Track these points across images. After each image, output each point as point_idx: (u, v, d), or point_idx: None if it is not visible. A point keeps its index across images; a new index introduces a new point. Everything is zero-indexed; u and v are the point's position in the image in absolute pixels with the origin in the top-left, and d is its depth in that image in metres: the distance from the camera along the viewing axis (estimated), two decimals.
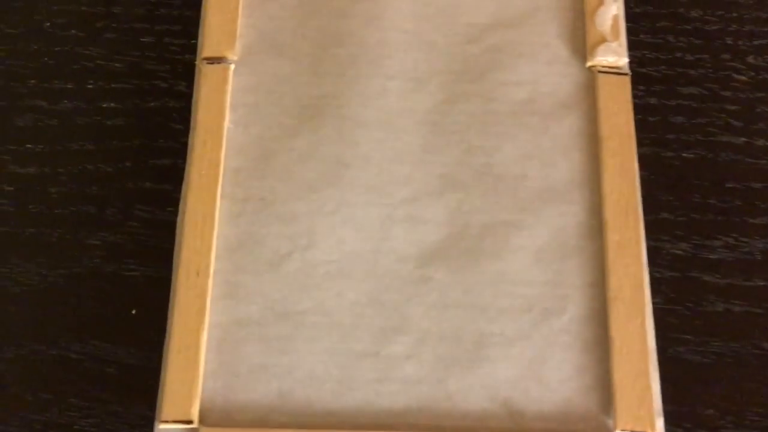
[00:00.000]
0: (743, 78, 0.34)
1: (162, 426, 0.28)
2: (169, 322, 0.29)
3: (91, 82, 0.34)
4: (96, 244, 0.31)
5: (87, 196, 0.32)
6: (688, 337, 0.30)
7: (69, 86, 0.34)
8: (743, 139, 0.33)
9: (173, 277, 0.30)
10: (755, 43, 0.35)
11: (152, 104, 0.34)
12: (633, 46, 0.34)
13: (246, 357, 0.29)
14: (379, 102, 0.34)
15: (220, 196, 0.32)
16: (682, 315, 0.30)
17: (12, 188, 0.32)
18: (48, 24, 0.35)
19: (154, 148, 0.33)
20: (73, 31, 0.35)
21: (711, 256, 0.31)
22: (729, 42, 0.35)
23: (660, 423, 0.28)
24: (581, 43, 0.34)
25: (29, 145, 0.33)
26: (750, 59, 0.34)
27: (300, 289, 0.30)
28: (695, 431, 0.29)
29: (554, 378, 0.29)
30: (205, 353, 0.29)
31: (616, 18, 0.34)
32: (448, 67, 0.34)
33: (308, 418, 0.29)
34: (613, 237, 0.31)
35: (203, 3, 0.35)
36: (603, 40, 0.34)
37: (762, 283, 0.31)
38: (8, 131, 0.33)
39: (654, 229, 0.32)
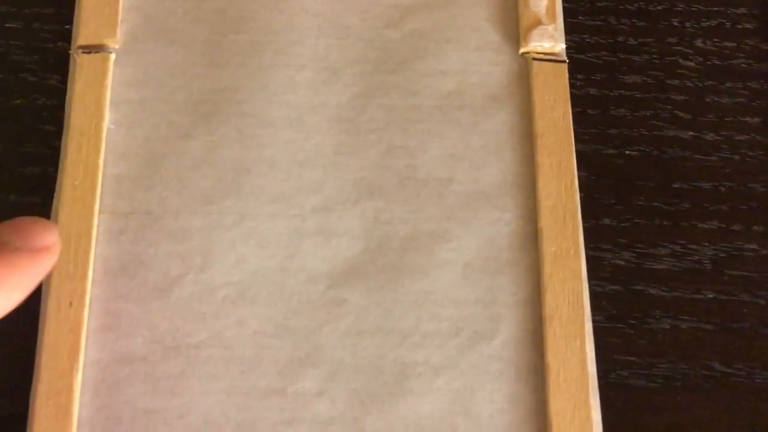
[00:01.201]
0: (691, 64, 0.31)
1: None
2: (36, 362, 0.26)
3: None
4: None
5: None
6: (633, 358, 0.27)
7: None
8: (691, 133, 0.30)
9: (42, 309, 0.26)
10: (704, 24, 0.32)
11: (18, 102, 0.29)
12: (570, 30, 0.31)
13: (130, 400, 0.26)
14: (287, 97, 0.30)
15: (99, 210, 0.28)
16: (625, 334, 0.28)
17: None
18: None
19: (21, 155, 0.29)
20: None
21: (656, 267, 0.28)
22: (675, 24, 0.32)
23: None
24: (514, 26, 0.31)
25: None
26: (698, 43, 0.32)
27: (194, 318, 0.27)
28: None
29: (485, 411, 0.26)
30: (79, 398, 0.25)
31: (551, 0, 0.31)
32: (365, 55, 0.31)
33: None
34: (549, 248, 0.28)
35: None
36: (538, 22, 0.31)
37: (712, 296, 0.28)
38: None
39: (594, 236, 0.29)
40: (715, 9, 0.32)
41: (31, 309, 0.26)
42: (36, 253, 0.21)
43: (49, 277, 0.26)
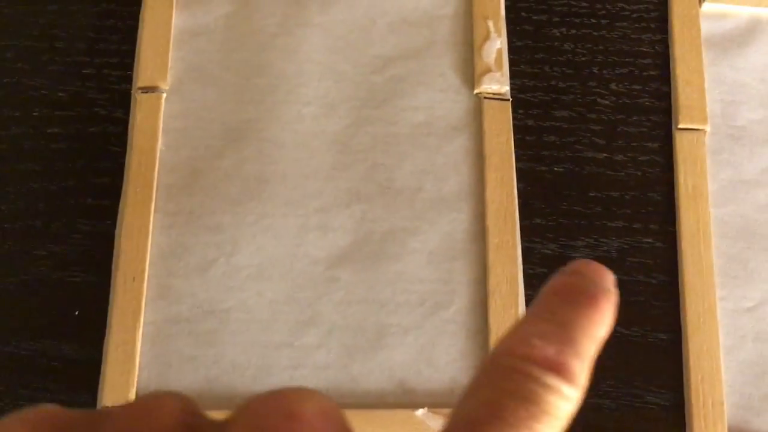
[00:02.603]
0: (606, 102, 0.40)
1: None
2: (108, 321, 0.34)
3: (37, 110, 0.38)
4: (43, 254, 0.35)
5: (34, 212, 0.36)
6: None
7: (17, 114, 0.38)
8: (605, 154, 0.39)
9: (112, 282, 0.34)
10: (617, 71, 0.41)
11: (93, 129, 0.38)
12: (514, 75, 0.40)
13: (177, 350, 0.34)
14: (295, 126, 0.38)
15: (154, 210, 0.36)
16: None
17: None
18: None
19: (95, 169, 0.37)
20: (19, 64, 0.39)
21: (575, 255, 0.37)
22: (595, 71, 0.40)
23: None
24: (470, 72, 0.40)
25: None
26: (613, 86, 0.40)
27: (225, 290, 0.35)
28: None
29: (442, 361, 0.34)
30: (140, 348, 0.34)
31: (499, 51, 0.40)
32: (356, 94, 0.39)
33: (233, 401, 0.33)
34: (493, 240, 0.36)
35: (138, 38, 0.39)
36: (488, 70, 0.39)
37: (617, 277, 0.36)
38: None
39: (528, 232, 0.37)
40: (627, 59, 0.41)
41: (104, 282, 0.35)
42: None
43: (117, 258, 0.35)
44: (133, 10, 0.40)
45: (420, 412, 0.33)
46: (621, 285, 0.37)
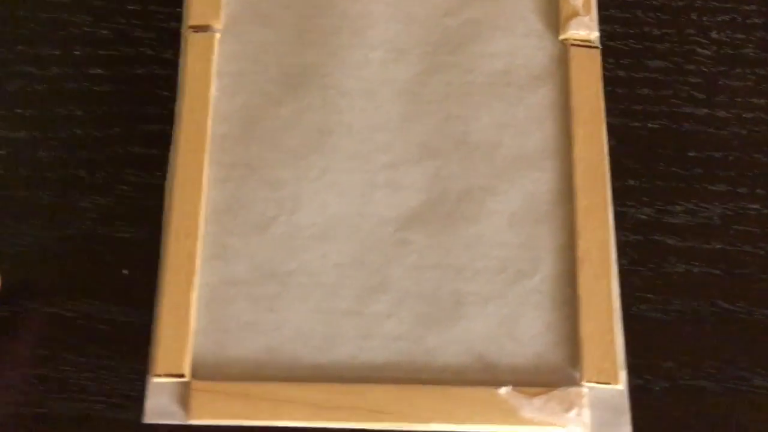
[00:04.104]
0: (706, 52, 0.36)
1: (155, 380, 0.29)
2: (159, 281, 0.31)
3: (78, 48, 0.35)
4: (87, 206, 0.32)
5: (77, 161, 0.33)
6: (651, 296, 0.32)
7: (56, 52, 0.35)
8: (705, 110, 0.35)
9: (163, 239, 0.31)
10: (718, 18, 0.37)
11: (139, 71, 0.35)
12: (603, 21, 0.36)
13: (235, 315, 0.31)
14: (362, 72, 0.35)
15: (208, 161, 0.33)
16: (645, 276, 0.32)
17: (3, 152, 0.33)
18: None
19: (142, 114, 0.34)
20: None
21: (673, 221, 0.33)
22: (694, 18, 0.37)
23: (623, 375, 0.30)
24: (554, 16, 0.36)
25: (18, 110, 0.34)
26: (713, 34, 0.36)
27: (286, 251, 0.32)
28: (655, 382, 0.31)
29: (526, 334, 0.31)
30: (195, 311, 0.31)
31: None
32: (428, 38, 0.36)
33: (295, 372, 0.30)
34: (582, 202, 0.33)
35: None
36: (575, 14, 0.36)
37: (720, 246, 0.33)
38: None
39: (620, 195, 0.33)
40: (729, 5, 0.37)
41: (154, 239, 0.31)
42: None
43: (169, 212, 0.32)
44: None
45: (503, 390, 0.30)
46: (725, 255, 0.33)
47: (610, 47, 0.36)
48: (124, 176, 0.33)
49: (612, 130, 0.34)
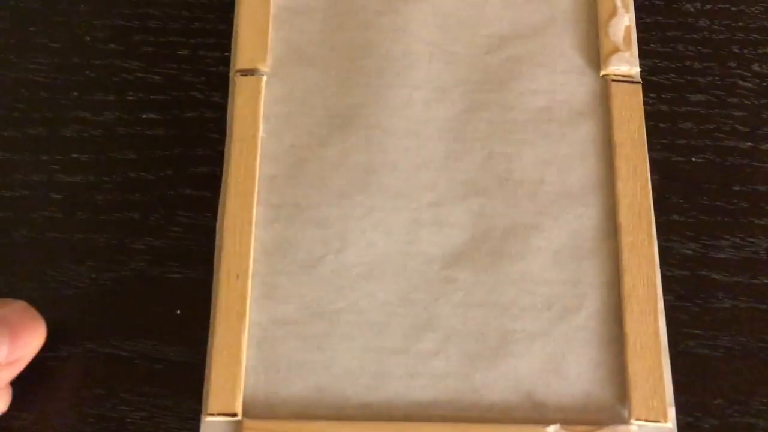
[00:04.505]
0: (749, 85, 0.36)
1: (208, 419, 0.30)
2: (212, 321, 0.31)
3: (131, 93, 0.36)
4: (141, 248, 0.33)
5: (131, 203, 0.34)
6: (698, 332, 0.32)
7: (110, 98, 0.36)
8: (749, 143, 0.35)
9: (214, 279, 0.32)
10: (760, 51, 0.37)
11: (190, 114, 0.36)
12: (644, 55, 0.36)
13: (285, 354, 0.31)
14: (405, 111, 0.35)
15: (257, 202, 0.34)
16: (691, 311, 0.32)
17: (60, 196, 0.34)
18: (88, 38, 0.37)
19: (193, 157, 0.35)
20: (111, 45, 0.37)
21: (719, 256, 0.33)
22: (735, 50, 0.37)
23: (672, 413, 0.30)
24: (595, 52, 0.36)
25: (75, 155, 0.35)
26: (755, 67, 0.36)
27: (334, 290, 0.32)
28: (705, 420, 0.31)
29: (573, 372, 0.31)
30: (246, 350, 0.31)
31: (628, 29, 0.36)
32: (470, 76, 0.36)
33: (344, 411, 0.31)
34: (626, 238, 0.33)
35: (235, 17, 0.36)
36: (616, 49, 0.36)
37: (767, 281, 0.33)
38: (55, 142, 0.35)
39: (665, 230, 0.33)
40: None
41: (206, 279, 0.32)
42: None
43: (220, 253, 0.32)
44: None
45: (551, 429, 0.30)
46: None
47: (652, 82, 0.36)
48: (177, 218, 0.34)
49: (655, 165, 0.34)
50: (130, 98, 0.36)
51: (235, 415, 0.30)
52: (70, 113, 0.35)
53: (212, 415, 0.30)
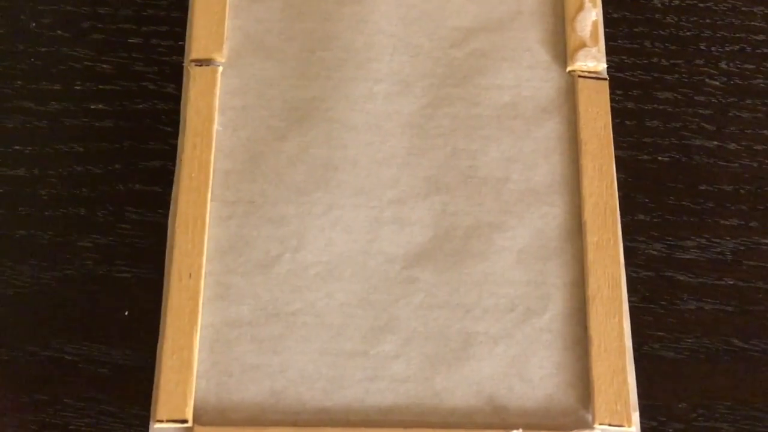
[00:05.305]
0: (716, 83, 0.35)
1: (157, 425, 0.29)
2: (162, 323, 0.30)
3: (79, 83, 0.34)
4: (87, 246, 0.32)
5: (77, 198, 0.32)
6: (662, 334, 0.32)
7: (56, 87, 0.34)
8: (716, 142, 0.34)
9: (165, 279, 0.31)
10: (727, 48, 0.36)
11: (141, 106, 0.34)
12: (611, 52, 0.35)
13: (239, 357, 0.30)
14: (366, 105, 0.34)
15: (210, 198, 0.32)
16: (656, 313, 0.32)
17: (1, 190, 0.32)
18: (34, 24, 0.35)
19: (144, 150, 0.33)
20: (59, 31, 0.35)
21: (684, 256, 0.33)
22: (702, 47, 0.36)
23: (636, 417, 0.29)
24: (562, 47, 0.35)
25: (18, 147, 0.33)
26: (723, 65, 0.36)
27: (291, 290, 0.31)
28: (669, 424, 0.30)
29: (536, 375, 0.30)
30: (198, 354, 0.30)
31: (595, 24, 0.35)
32: (433, 70, 0.35)
33: (301, 416, 0.29)
34: (592, 238, 0.32)
35: (190, 5, 0.35)
36: (583, 45, 0.35)
37: (732, 282, 0.32)
38: None
39: (630, 229, 0.33)
40: (738, 35, 0.36)
41: (156, 279, 0.31)
42: None
43: (171, 252, 0.31)
44: None
45: None
46: (737, 291, 0.33)
47: (619, 78, 0.36)
48: (125, 214, 0.32)
49: (620, 164, 0.34)
50: (78, 88, 0.34)
51: (185, 421, 0.29)
52: (13, 103, 0.34)
53: (161, 421, 0.29)
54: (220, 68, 0.34)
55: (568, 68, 0.35)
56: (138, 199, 0.32)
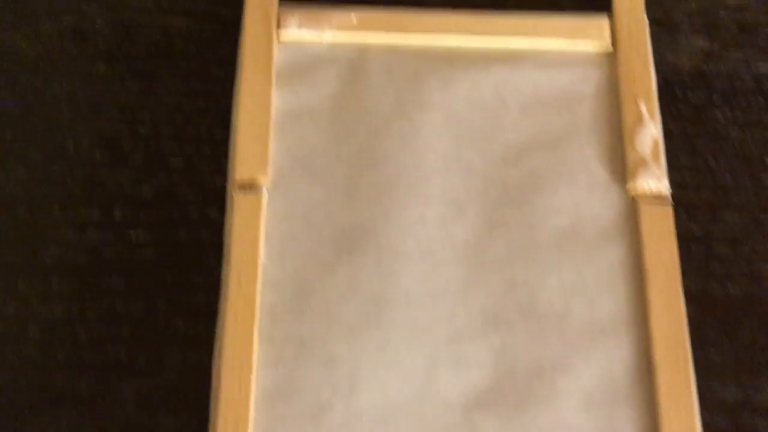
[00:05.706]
0: None
1: None
2: None
3: (119, 210, 0.33)
4: (127, 392, 0.30)
5: (117, 340, 0.31)
6: None
7: (95, 214, 0.32)
8: None
9: (210, 429, 0.29)
10: None
11: (183, 234, 0.32)
12: (669, 167, 0.33)
13: None
14: (418, 230, 0.33)
15: (257, 338, 0.30)
16: None
17: (37, 330, 0.31)
18: (71, 145, 0.33)
19: (187, 284, 0.32)
20: (97, 154, 0.33)
21: (764, 401, 0.30)
22: None
23: None
24: (620, 164, 0.34)
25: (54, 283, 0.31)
26: None
27: None
28: None
29: None
30: None
31: (655, 139, 0.34)
32: (487, 191, 0.33)
33: None
34: (663, 381, 0.30)
35: (233, 125, 0.33)
36: (643, 162, 0.33)
37: None
38: (32, 266, 0.31)
39: (702, 371, 0.31)
40: None
41: (201, 429, 0.29)
42: None
43: (217, 399, 0.29)
44: (226, 89, 0.34)
45: None
46: None
47: (681, 197, 0.34)
48: (166, 359, 0.30)
49: (689, 295, 0.31)
50: (117, 215, 0.32)
51: None
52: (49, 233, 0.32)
53: None
54: (265, 194, 0.33)
55: (629, 187, 0.33)
56: (181, 340, 0.31)
